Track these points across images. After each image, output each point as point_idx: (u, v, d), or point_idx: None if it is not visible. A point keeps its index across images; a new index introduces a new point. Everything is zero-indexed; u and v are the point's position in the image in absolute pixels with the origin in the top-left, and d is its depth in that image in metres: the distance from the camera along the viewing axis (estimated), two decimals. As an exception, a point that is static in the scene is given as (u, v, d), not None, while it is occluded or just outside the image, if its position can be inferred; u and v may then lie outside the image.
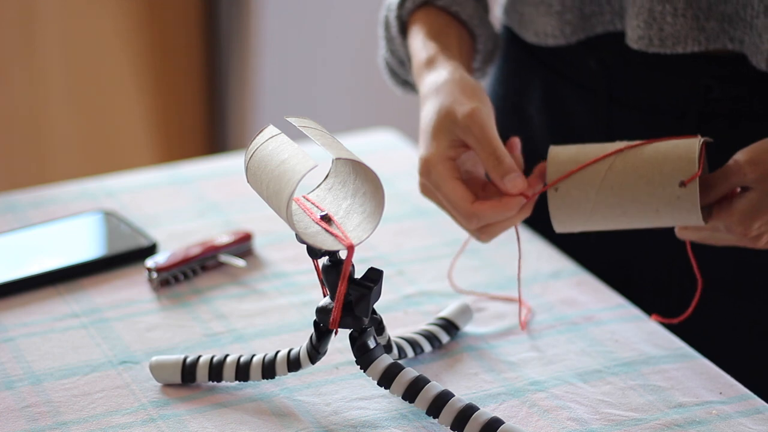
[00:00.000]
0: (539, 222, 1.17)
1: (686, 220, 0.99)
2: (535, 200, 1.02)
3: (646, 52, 1.09)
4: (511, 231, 1.04)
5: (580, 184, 1.00)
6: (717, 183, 1.00)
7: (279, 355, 0.97)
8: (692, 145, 0.98)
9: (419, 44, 1.13)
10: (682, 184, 0.97)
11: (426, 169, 1.03)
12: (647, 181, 0.98)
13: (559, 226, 1.02)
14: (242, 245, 1.17)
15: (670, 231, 1.05)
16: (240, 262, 1.15)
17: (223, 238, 1.17)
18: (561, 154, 1.01)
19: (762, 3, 1.04)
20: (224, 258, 1.15)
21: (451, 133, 1.02)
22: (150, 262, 1.13)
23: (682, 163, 0.97)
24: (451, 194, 1.01)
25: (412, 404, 0.93)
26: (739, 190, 1.01)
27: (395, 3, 1.17)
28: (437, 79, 1.06)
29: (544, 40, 1.17)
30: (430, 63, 1.10)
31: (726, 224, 1.01)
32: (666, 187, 0.98)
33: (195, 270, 1.14)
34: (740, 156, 1.00)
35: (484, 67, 1.20)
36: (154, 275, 1.12)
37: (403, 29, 1.17)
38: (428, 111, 1.05)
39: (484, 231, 1.03)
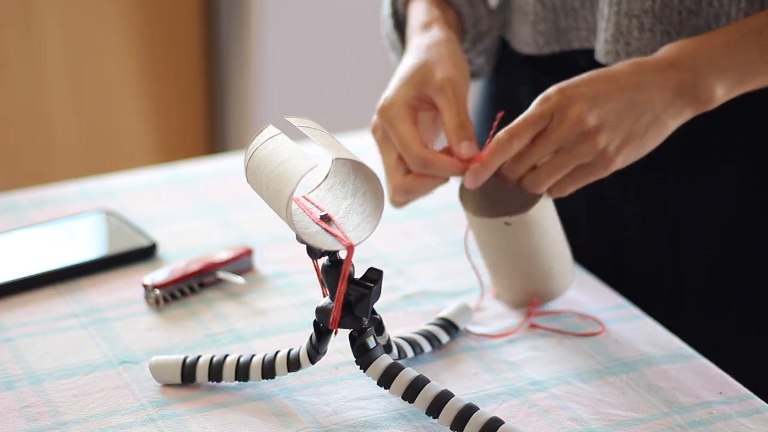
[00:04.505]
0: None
1: None
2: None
3: None
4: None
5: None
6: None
7: (279, 355, 0.97)
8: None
9: (421, 10, 1.14)
10: None
11: (386, 107, 1.05)
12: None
13: None
14: (242, 261, 1.15)
15: (661, 229, 1.04)
16: (239, 280, 1.13)
17: (222, 255, 1.15)
18: None
19: (741, 10, 1.04)
20: (223, 275, 1.13)
21: (423, 87, 1.05)
22: (147, 279, 1.11)
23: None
24: (406, 134, 1.03)
25: (412, 404, 0.93)
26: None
27: None
28: (430, 40, 1.08)
29: (519, 47, 1.18)
30: (427, 25, 1.11)
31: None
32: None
33: (193, 287, 1.12)
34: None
35: (474, 47, 1.19)
36: (154, 292, 1.10)
37: (398, 23, 1.18)
38: (408, 62, 1.07)
39: (406, 191, 1.05)
